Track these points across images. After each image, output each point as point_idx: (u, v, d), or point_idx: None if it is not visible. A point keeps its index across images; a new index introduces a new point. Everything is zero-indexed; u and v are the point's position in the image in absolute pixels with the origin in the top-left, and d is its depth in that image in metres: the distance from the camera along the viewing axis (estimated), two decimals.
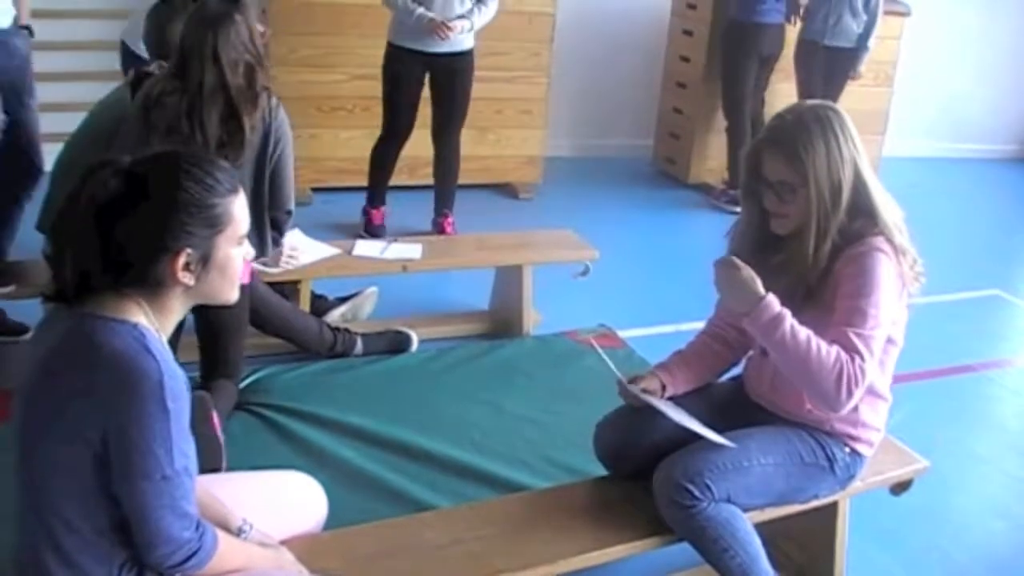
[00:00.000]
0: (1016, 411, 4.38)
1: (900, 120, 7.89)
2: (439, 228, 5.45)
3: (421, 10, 4.87)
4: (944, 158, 8.73)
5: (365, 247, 4.12)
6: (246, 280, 3.32)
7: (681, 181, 7.00)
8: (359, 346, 3.92)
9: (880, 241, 2.42)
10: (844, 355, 2.30)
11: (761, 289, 2.38)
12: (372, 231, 5.29)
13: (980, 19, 8.53)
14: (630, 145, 7.59)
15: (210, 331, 3.38)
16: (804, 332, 2.32)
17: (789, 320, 2.34)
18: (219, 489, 2.20)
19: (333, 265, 4.01)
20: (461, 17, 4.98)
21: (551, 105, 6.53)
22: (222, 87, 3.12)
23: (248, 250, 1.98)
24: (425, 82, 5.16)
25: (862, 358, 2.31)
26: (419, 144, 5.79)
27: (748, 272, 2.39)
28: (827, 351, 2.30)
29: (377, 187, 5.41)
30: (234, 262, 1.93)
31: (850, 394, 2.31)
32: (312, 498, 2.42)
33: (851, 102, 6.33)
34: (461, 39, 5.06)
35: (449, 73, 5.14)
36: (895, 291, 2.43)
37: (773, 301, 2.35)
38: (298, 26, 5.55)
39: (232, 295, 1.97)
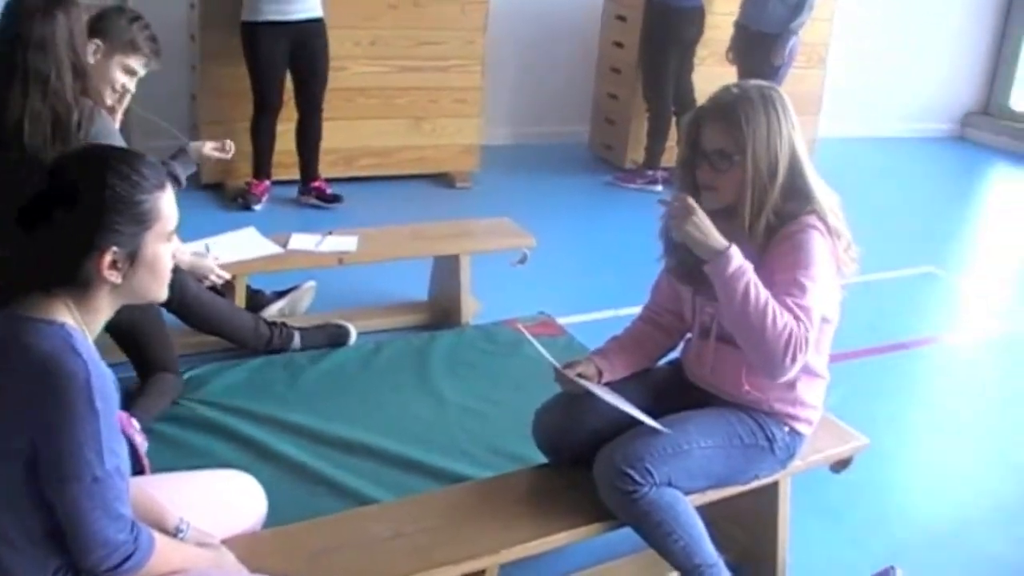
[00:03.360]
0: (949, 388, 4.45)
1: (834, 101, 7.97)
2: (318, 192, 5.66)
3: None
4: (878, 138, 8.84)
5: (300, 240, 4.08)
6: None
7: (618, 166, 7.02)
8: (297, 340, 3.89)
9: (814, 219, 2.44)
10: (792, 319, 2.31)
11: (722, 237, 2.36)
12: (250, 202, 5.52)
13: None
14: (566, 132, 7.60)
15: (124, 335, 3.32)
16: (764, 291, 2.32)
17: (751, 271, 2.34)
18: (156, 490, 2.17)
19: (268, 260, 3.97)
20: None
21: (487, 93, 6.53)
22: (40, 73, 2.91)
23: (179, 246, 1.96)
24: (286, 54, 5.36)
25: (807, 326, 2.33)
26: (354, 135, 5.78)
27: (704, 215, 2.38)
28: (781, 312, 2.30)
29: (259, 159, 5.58)
30: (163, 259, 1.90)
31: (794, 360, 2.31)
32: (251, 496, 2.40)
33: (784, 84, 6.39)
34: (315, 5, 5.31)
35: (311, 39, 5.37)
36: (830, 267, 2.45)
37: (737, 251, 2.34)
38: (224, 22, 5.48)
39: (161, 293, 1.94)
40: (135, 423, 3.00)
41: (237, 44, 5.39)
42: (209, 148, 3.61)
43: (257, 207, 5.51)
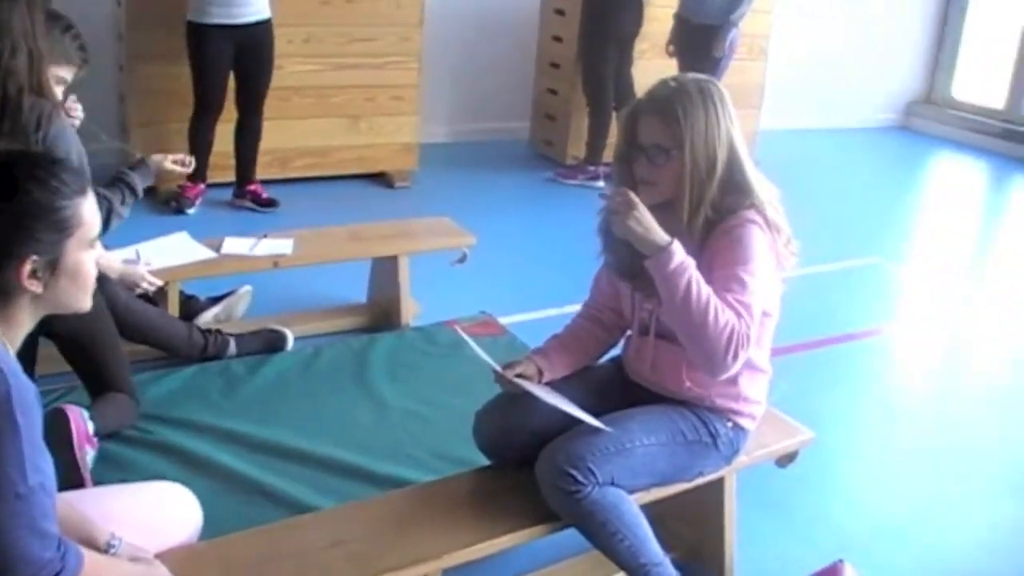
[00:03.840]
0: (895, 379, 4.52)
1: (776, 93, 8.05)
2: (253, 196, 5.65)
3: None
4: (821, 129, 8.94)
5: (234, 244, 4.04)
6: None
7: (559, 162, 7.04)
8: (232, 347, 3.86)
9: (753, 214, 2.45)
10: (734, 315, 2.31)
11: (664, 232, 2.36)
12: (183, 205, 5.50)
13: None
14: (506, 128, 7.61)
15: (75, 348, 3.24)
16: (705, 286, 2.32)
17: (693, 267, 2.33)
18: (85, 504, 2.14)
19: (201, 265, 3.93)
20: None
21: (424, 90, 6.51)
22: None
23: (101, 253, 1.93)
24: (232, 56, 5.31)
25: (747, 323, 2.33)
26: (289, 135, 5.73)
27: (645, 210, 2.36)
28: (723, 308, 2.30)
29: (197, 163, 5.38)
30: (85, 267, 1.87)
31: (735, 357, 2.32)
32: (185, 507, 2.37)
33: (726, 76, 6.43)
34: (263, 6, 5.26)
35: (257, 42, 5.32)
36: (770, 261, 2.46)
37: (679, 247, 2.34)
38: (153, 21, 5.43)
39: (85, 303, 1.91)
40: (90, 427, 2.98)
41: (167, 43, 5.35)
42: (169, 163, 3.54)
43: (191, 211, 5.47)
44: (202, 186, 5.58)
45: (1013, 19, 9.14)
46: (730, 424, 2.58)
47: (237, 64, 5.36)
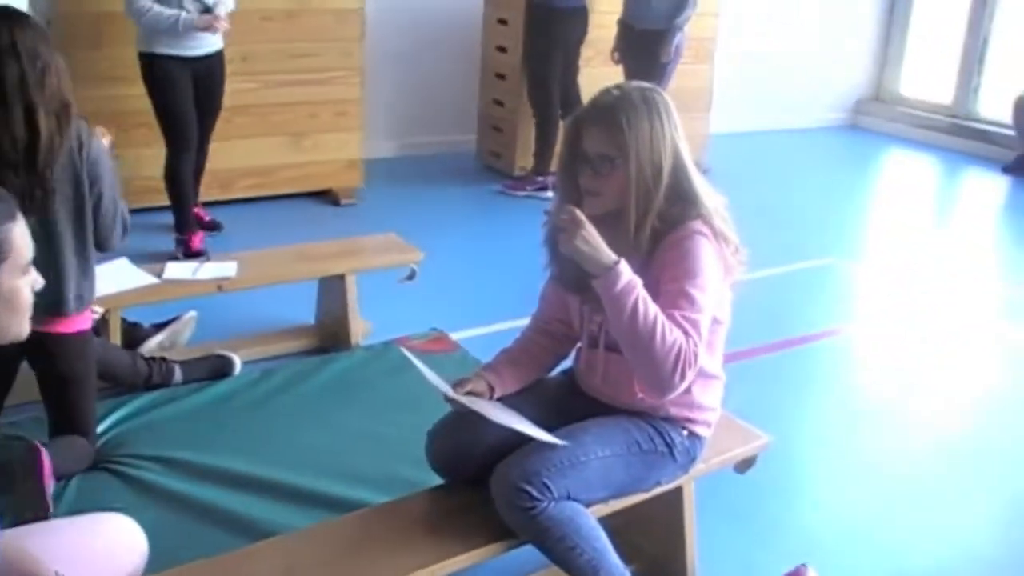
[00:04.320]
0: (854, 379, 4.56)
1: (724, 96, 8.10)
2: (201, 222, 5.52)
3: (183, 14, 4.85)
4: (771, 130, 9.03)
5: (176, 269, 4.02)
6: (87, 327, 3.22)
7: (507, 174, 7.06)
8: (178, 375, 3.83)
9: (699, 224, 2.45)
10: (682, 335, 2.32)
11: (611, 251, 2.36)
12: (193, 258, 5.11)
13: None
14: (453, 141, 7.62)
15: (60, 387, 3.21)
16: (653, 305, 2.33)
17: (640, 287, 2.34)
18: (26, 541, 2.11)
19: (144, 291, 3.89)
20: (207, 11, 4.98)
21: (368, 105, 6.51)
22: (21, 82, 2.90)
23: (36, 279, 1.91)
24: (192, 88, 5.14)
25: (695, 340, 2.35)
26: (230, 156, 5.69)
27: (592, 228, 2.37)
28: (670, 328, 2.31)
29: (186, 209, 5.30)
30: (21, 293, 1.86)
31: (683, 377, 2.33)
32: (130, 538, 2.33)
33: (673, 81, 6.48)
34: (217, 38, 5.11)
35: (211, 74, 5.18)
36: (718, 273, 2.47)
37: (626, 266, 2.35)
38: (87, 40, 5.38)
39: (23, 329, 1.89)
40: (47, 474, 2.95)
41: (92, 67, 5.27)
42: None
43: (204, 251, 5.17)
44: (200, 234, 5.39)
45: (958, 14, 9.28)
46: (685, 432, 2.59)
47: (194, 95, 5.19)
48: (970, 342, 4.89)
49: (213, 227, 5.58)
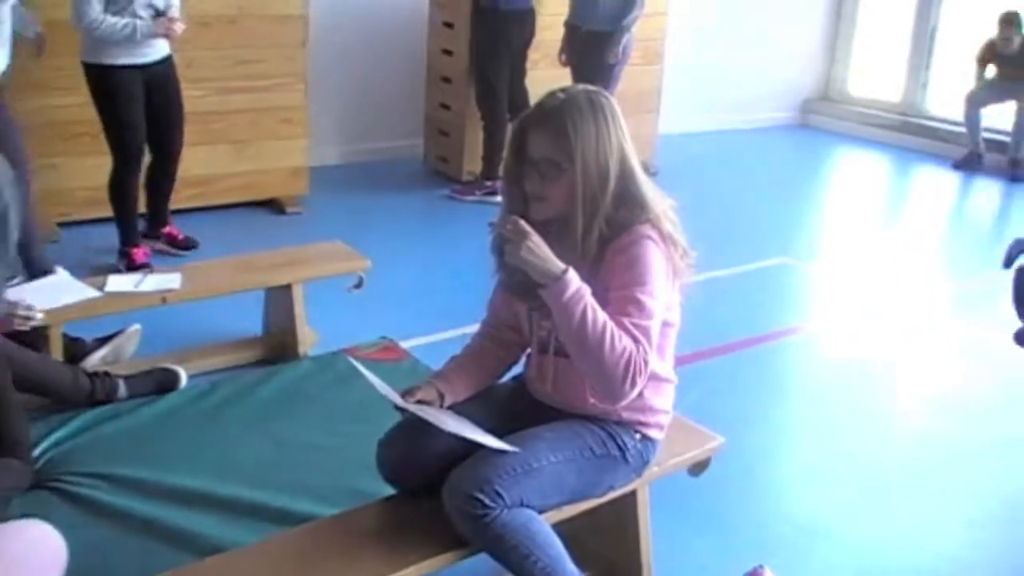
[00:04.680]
0: (813, 374, 4.61)
1: (672, 96, 8.15)
2: (170, 238, 5.47)
3: (138, 21, 4.79)
4: (720, 131, 9.08)
5: (118, 282, 3.98)
6: None
7: (455, 179, 7.06)
8: (122, 389, 3.80)
9: (647, 229, 2.47)
10: (631, 342, 2.36)
11: (558, 260, 2.38)
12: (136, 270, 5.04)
13: None
14: (400, 147, 7.61)
15: None
16: (602, 314, 2.36)
17: (589, 294, 2.37)
18: None
19: (85, 305, 3.86)
20: (159, 14, 4.92)
21: (312, 112, 6.49)
22: None
23: None
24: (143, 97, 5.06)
25: (644, 346, 2.38)
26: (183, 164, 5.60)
27: (539, 238, 2.39)
28: (619, 336, 2.34)
29: (130, 221, 5.24)
30: None
31: (634, 384, 2.38)
32: (47, 546, 2.28)
33: (621, 82, 6.51)
34: (166, 43, 5.04)
35: (166, 80, 5.11)
36: (667, 277, 2.49)
37: (574, 275, 2.37)
38: (28, 49, 5.30)
39: None
40: None
41: (33, 76, 5.21)
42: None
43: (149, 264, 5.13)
44: (144, 247, 5.31)
45: (905, 12, 9.38)
46: (638, 436, 2.61)
47: (149, 107, 5.10)
48: (926, 340, 4.94)
49: (188, 246, 5.48)
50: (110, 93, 4.94)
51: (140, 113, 5.03)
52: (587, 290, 2.37)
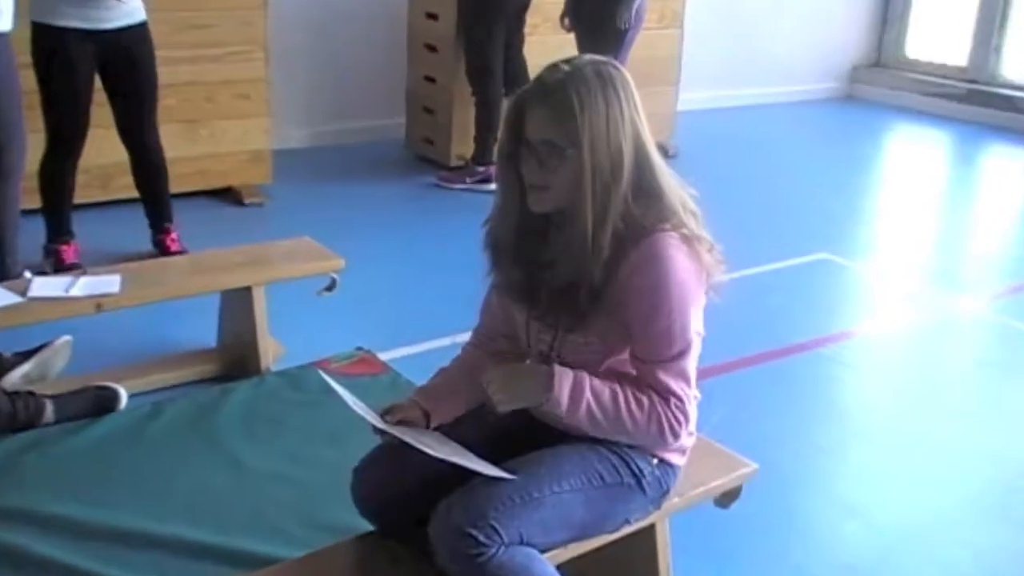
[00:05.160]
0: (856, 390, 4.61)
1: (695, 66, 8.15)
2: (162, 247, 5.38)
3: None
4: (750, 106, 9.09)
5: (45, 286, 3.97)
6: None
7: (442, 164, 7.07)
8: (49, 412, 3.79)
9: (668, 238, 2.45)
10: (657, 402, 2.41)
11: (542, 366, 2.45)
12: (65, 271, 4.93)
13: None
14: (377, 127, 7.62)
15: None
16: (607, 392, 2.41)
17: (587, 384, 2.41)
18: None
19: (5, 313, 3.82)
20: None
21: (275, 86, 6.50)
22: None
23: None
24: (95, 70, 5.03)
25: (679, 398, 2.43)
26: (109, 149, 5.60)
27: (515, 365, 2.50)
28: (637, 403, 2.41)
29: (58, 215, 5.23)
30: None
31: (676, 436, 2.46)
32: None
33: (636, 50, 6.51)
34: (134, 8, 4.99)
35: (128, 51, 5.03)
36: (697, 288, 2.49)
37: (562, 373, 2.41)
38: None
39: None
40: None
41: None
42: None
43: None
44: (74, 242, 5.28)
45: None
46: (655, 460, 2.60)
47: (108, 82, 5.09)
48: (995, 351, 4.94)
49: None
50: (47, 59, 4.92)
51: (80, 88, 4.99)
52: (585, 378, 2.42)
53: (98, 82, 5.07)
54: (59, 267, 5.08)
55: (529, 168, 2.48)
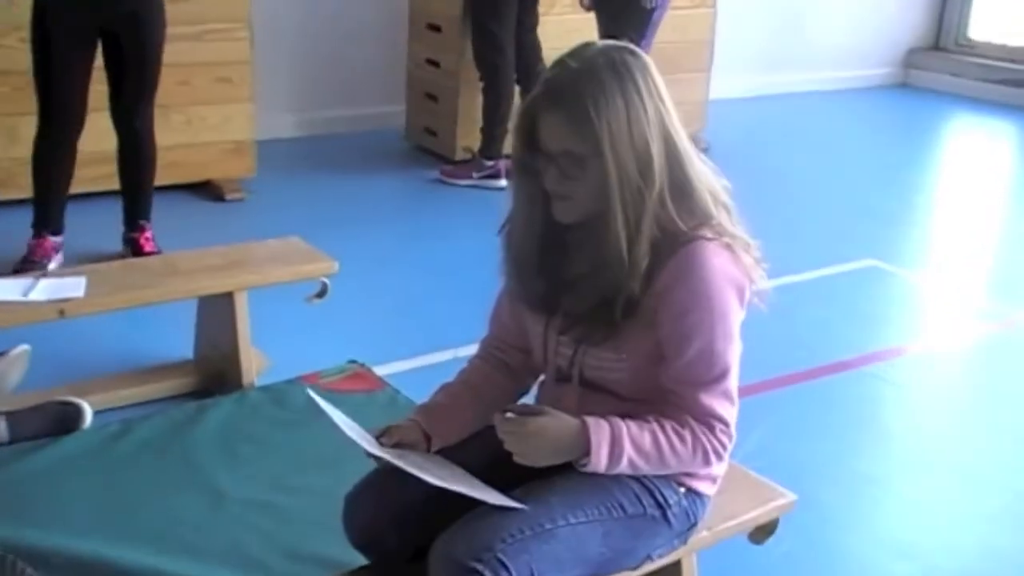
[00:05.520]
0: (906, 413, 4.61)
1: (730, 50, 8.15)
2: (135, 247, 5.39)
3: None
4: (790, 94, 9.08)
5: (1, 288, 3.98)
6: None
7: (445, 157, 7.08)
8: (2, 430, 3.79)
9: (707, 246, 2.44)
10: (700, 431, 2.43)
11: (572, 421, 2.44)
12: (29, 268, 5.01)
13: None
14: (374, 115, 7.63)
15: None
16: (647, 437, 2.42)
17: (626, 435, 2.41)
18: None
19: None
20: None
21: (260, 68, 6.51)
22: None
23: None
24: (98, 45, 5.05)
25: (724, 422, 2.45)
26: (94, 135, 5.60)
27: (543, 416, 2.45)
28: (680, 439, 2.44)
29: (43, 205, 5.27)
30: None
31: (720, 459, 2.50)
32: None
33: (663, 32, 6.51)
34: None
35: (132, 24, 5.03)
36: (739, 302, 2.49)
37: (598, 428, 2.41)
38: None
39: None
40: None
41: None
42: None
43: (51, 266, 5.14)
44: (57, 239, 5.31)
45: None
46: (682, 489, 2.60)
47: (109, 56, 5.09)
48: None
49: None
50: (43, 27, 4.94)
51: (76, 65, 5.00)
52: (621, 428, 2.43)
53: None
54: (27, 262, 5.11)
55: (550, 179, 2.46)
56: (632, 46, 2.51)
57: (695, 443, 2.43)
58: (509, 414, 2.45)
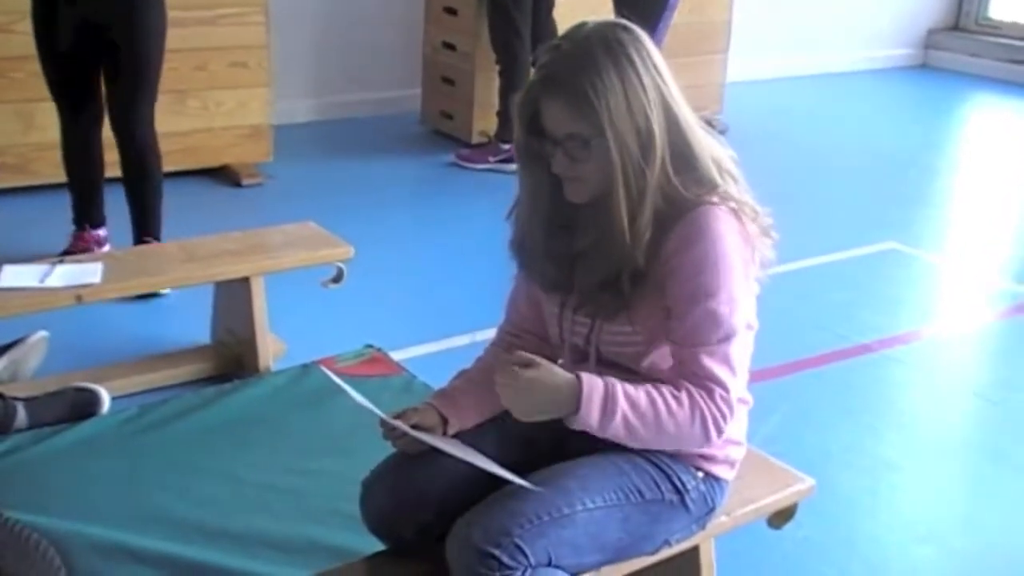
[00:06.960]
0: (927, 398, 4.59)
1: (748, 31, 8.13)
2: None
3: None
4: (809, 76, 9.05)
5: (16, 274, 3.95)
6: None
7: (462, 141, 7.09)
8: (22, 416, 3.81)
9: (716, 210, 2.46)
10: (698, 395, 2.39)
11: (566, 375, 2.39)
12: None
13: None
14: (390, 99, 7.63)
15: None
16: (642, 397, 2.38)
17: (620, 392, 2.38)
18: None
19: None
20: None
21: (276, 53, 6.51)
22: None
23: None
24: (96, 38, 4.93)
25: (724, 387, 2.40)
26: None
27: (538, 368, 2.40)
28: (677, 401, 2.38)
29: (76, 198, 5.23)
30: None
31: (720, 431, 2.42)
32: None
33: (680, 14, 6.50)
34: None
35: (126, 12, 4.89)
36: (745, 265, 2.49)
37: (591, 385, 2.37)
38: None
39: None
40: None
41: None
42: None
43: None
44: (99, 232, 5.25)
45: None
46: (700, 474, 2.60)
47: (104, 55, 4.92)
48: None
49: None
50: (39, 25, 4.91)
51: (78, 57, 4.90)
52: (616, 386, 2.38)
53: None
54: (66, 255, 4.84)
55: (558, 163, 2.47)
56: (622, 21, 2.51)
57: (692, 406, 2.38)
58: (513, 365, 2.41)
